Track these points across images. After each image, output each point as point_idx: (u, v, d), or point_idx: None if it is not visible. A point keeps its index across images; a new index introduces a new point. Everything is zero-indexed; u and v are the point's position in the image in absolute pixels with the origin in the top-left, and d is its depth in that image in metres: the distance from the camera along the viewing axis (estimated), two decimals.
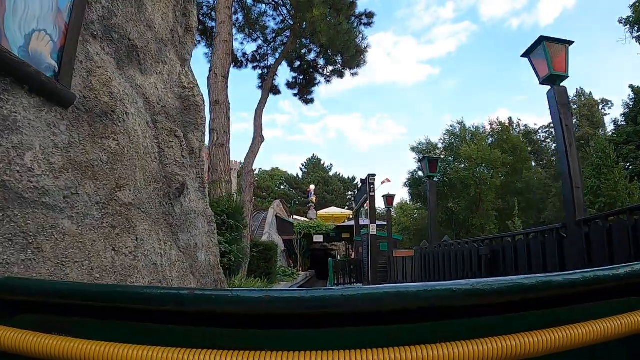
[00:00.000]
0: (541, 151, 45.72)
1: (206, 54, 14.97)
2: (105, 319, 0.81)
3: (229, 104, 10.41)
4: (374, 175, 15.57)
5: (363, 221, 25.01)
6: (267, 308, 0.72)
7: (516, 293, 0.74)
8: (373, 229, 15.08)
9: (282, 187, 74.01)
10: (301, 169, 78.54)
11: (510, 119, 41.68)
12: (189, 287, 0.89)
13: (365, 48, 14.37)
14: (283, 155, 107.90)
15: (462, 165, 35.58)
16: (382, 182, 18.02)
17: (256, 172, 75.49)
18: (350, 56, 13.88)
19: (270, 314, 0.74)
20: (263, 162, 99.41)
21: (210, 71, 10.72)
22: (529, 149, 41.99)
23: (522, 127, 45.60)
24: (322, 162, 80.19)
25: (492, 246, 6.61)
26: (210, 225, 4.56)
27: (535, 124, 44.48)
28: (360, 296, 0.71)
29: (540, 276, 0.76)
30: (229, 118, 10.19)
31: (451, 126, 39.58)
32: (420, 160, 13.14)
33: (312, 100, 18.43)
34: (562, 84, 5.44)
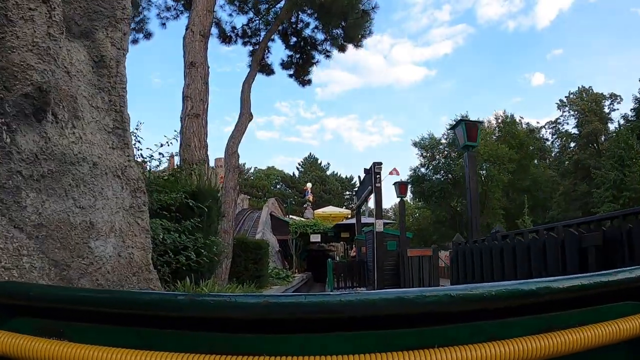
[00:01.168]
0: (544, 149, 43.82)
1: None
2: (102, 323, 0.81)
3: (208, 67, 8.47)
4: (380, 163, 13.64)
5: (365, 219, 23.07)
6: (265, 313, 0.73)
7: (515, 298, 0.76)
8: (380, 225, 13.15)
9: (277, 186, 72.19)
10: (297, 168, 76.70)
11: (512, 115, 39.75)
12: (186, 293, 1.06)
13: (373, 8, 12.32)
14: (280, 157, 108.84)
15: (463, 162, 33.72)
16: (390, 173, 15.96)
17: (251, 171, 74.21)
18: (353, 21, 11.88)
19: (268, 319, 0.74)
20: (259, 162, 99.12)
21: (186, 29, 8.79)
22: (531, 148, 40.11)
23: (524, 125, 43.80)
24: (319, 162, 78.38)
25: (607, 232, 4.32)
26: (136, 197, 2.78)
27: (537, 122, 42.54)
28: (358, 301, 0.72)
29: (539, 281, 0.78)
30: (207, 84, 8.25)
31: (454, 121, 37.71)
32: (453, 127, 11.09)
33: (309, 82, 16.50)
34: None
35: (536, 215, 37.62)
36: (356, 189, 26.54)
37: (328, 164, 79.01)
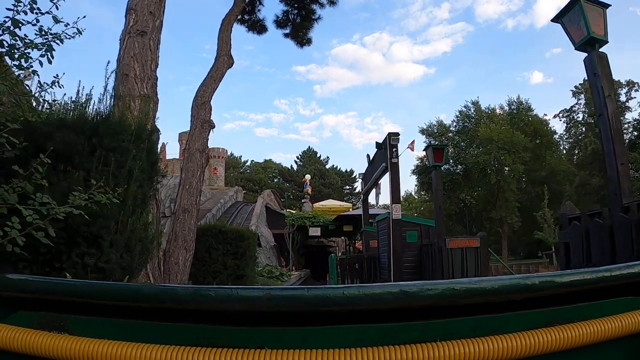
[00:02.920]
0: (553, 142, 40.87)
1: None
2: (104, 316, 0.81)
3: None
4: (397, 134, 10.91)
5: (374, 209, 20.34)
6: (267, 306, 0.72)
7: (517, 292, 0.77)
8: (397, 211, 10.42)
9: (275, 180, 69.40)
10: (296, 162, 73.91)
11: (527, 100, 36.80)
12: (188, 285, 0.83)
13: None
14: (278, 154, 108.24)
15: (480, 149, 30.81)
16: (409, 147, 13.16)
17: (248, 164, 71.38)
18: None
19: (270, 311, 0.74)
20: (256, 156, 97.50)
21: None
22: (537, 141, 37.25)
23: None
24: (318, 155, 75.65)
25: None
26: None
27: (545, 114, 39.56)
28: (362, 295, 0.72)
29: (541, 275, 0.78)
30: None
31: (465, 107, 34.86)
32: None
33: (309, 42, 13.78)
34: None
35: (552, 208, 34.97)
36: (358, 182, 23.62)
37: (327, 157, 76.43)
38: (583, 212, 4.88)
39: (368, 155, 14.15)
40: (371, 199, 19.07)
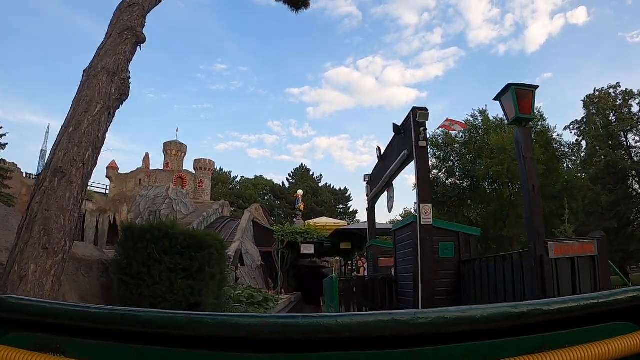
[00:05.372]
0: (564, 156, 38.39)
1: None
2: (102, 340, 0.81)
3: None
4: (425, 109, 8.02)
5: (382, 223, 17.24)
6: (263, 333, 0.73)
7: (507, 320, 0.78)
8: (427, 214, 7.45)
9: (266, 197, 66.10)
10: (288, 179, 70.75)
11: (539, 109, 34.28)
12: (186, 312, 0.84)
13: None
14: (270, 174, 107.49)
15: (491, 160, 27.97)
16: (443, 126, 10.11)
17: (237, 179, 68.18)
18: None
19: (266, 339, 0.75)
20: (246, 172, 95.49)
21: None
22: (549, 153, 34.73)
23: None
24: (310, 173, 72.70)
25: None
26: None
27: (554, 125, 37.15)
28: (355, 323, 0.73)
29: (530, 303, 0.80)
30: None
31: (471, 116, 32.20)
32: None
33: (304, 4, 11.00)
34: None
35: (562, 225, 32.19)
36: (352, 202, 20.12)
37: (320, 175, 73.55)
38: None
39: (378, 149, 11.16)
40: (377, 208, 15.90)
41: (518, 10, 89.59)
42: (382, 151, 10.92)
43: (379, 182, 11.31)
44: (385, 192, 11.32)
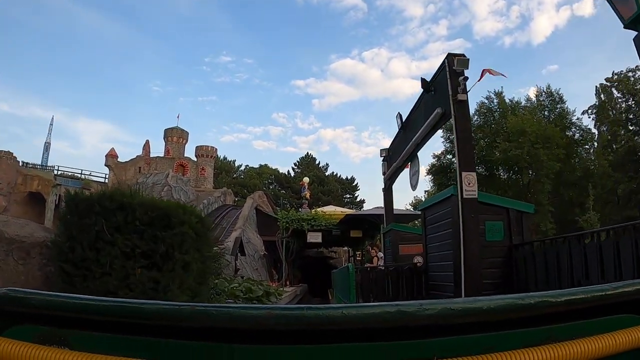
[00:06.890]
0: (585, 141, 36.31)
1: None
2: (105, 332, 0.80)
3: None
4: (463, 55, 6.37)
5: (400, 209, 15.57)
6: (267, 324, 0.72)
7: (514, 311, 0.76)
8: (471, 185, 5.88)
9: (271, 186, 64.49)
10: (293, 168, 68.96)
11: (558, 90, 32.30)
12: (189, 303, 0.83)
13: None
14: (275, 166, 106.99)
15: (509, 143, 26.19)
16: (484, 75, 8.29)
17: (242, 168, 66.69)
18: None
19: (272, 330, 0.73)
20: (251, 161, 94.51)
21: None
22: (569, 134, 32.72)
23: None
24: (317, 162, 70.88)
25: None
26: None
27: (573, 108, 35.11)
28: (361, 314, 0.72)
29: (537, 294, 0.77)
30: None
31: (487, 98, 30.30)
32: None
33: None
34: None
35: (583, 214, 30.35)
36: (359, 191, 18.10)
37: (327, 164, 71.71)
38: None
39: (400, 115, 9.52)
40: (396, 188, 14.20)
41: (524, 2, 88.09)
42: (404, 118, 9.29)
43: (400, 155, 9.67)
44: (407, 168, 9.71)
